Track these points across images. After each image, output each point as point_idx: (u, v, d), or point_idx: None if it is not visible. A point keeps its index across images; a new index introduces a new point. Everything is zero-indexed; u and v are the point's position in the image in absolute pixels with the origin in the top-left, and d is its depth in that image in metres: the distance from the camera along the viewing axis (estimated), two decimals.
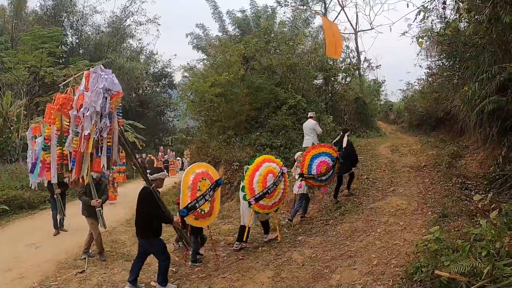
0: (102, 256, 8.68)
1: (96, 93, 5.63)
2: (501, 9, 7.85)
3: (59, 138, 6.34)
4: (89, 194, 8.71)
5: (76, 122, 5.84)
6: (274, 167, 8.74)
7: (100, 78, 5.72)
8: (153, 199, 6.76)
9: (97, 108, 5.61)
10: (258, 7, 27.16)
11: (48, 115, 6.65)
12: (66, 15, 36.09)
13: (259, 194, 8.33)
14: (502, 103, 9.25)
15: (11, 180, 17.14)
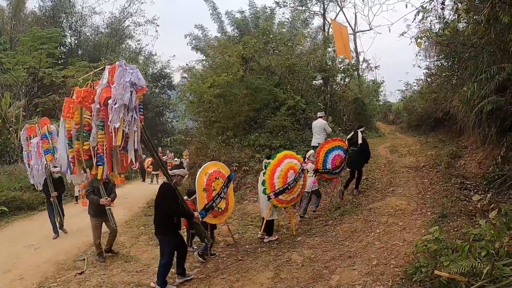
0: (101, 257, 8.64)
1: (123, 86, 5.66)
2: (500, 10, 7.86)
3: (78, 132, 6.35)
4: (98, 193, 8.62)
5: (100, 116, 5.89)
6: (295, 164, 8.84)
7: (126, 72, 5.77)
8: (173, 195, 6.79)
9: (125, 101, 5.62)
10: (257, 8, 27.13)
11: (66, 109, 6.62)
12: (65, 16, 36.06)
13: (279, 189, 8.48)
14: (501, 103, 9.26)
15: (10, 181, 17.13)
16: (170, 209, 6.73)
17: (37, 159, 11.06)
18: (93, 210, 8.71)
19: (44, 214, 14.64)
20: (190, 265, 7.92)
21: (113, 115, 5.56)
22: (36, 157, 11.08)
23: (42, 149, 10.97)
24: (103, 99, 5.77)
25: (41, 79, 25.36)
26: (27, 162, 11.78)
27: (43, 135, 11.13)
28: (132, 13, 38.90)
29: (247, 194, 13.01)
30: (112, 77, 5.89)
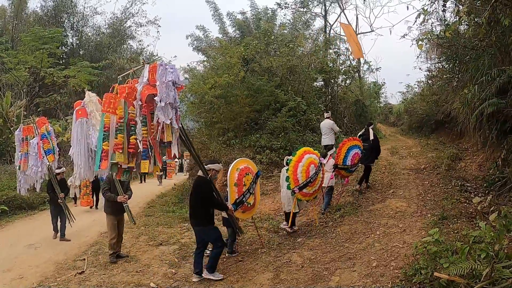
0: (113, 257, 8.51)
1: (166, 85, 6.06)
2: (501, 12, 7.88)
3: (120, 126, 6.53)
4: (114, 190, 8.50)
5: (143, 112, 6.24)
6: (314, 158, 9.16)
7: (167, 71, 6.14)
8: (210, 188, 7.18)
9: (170, 100, 6.04)
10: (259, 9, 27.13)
11: (107, 104, 6.74)
12: (66, 16, 36.06)
13: (303, 183, 8.78)
14: (502, 105, 9.25)
15: (10, 180, 17.13)
16: (207, 201, 7.08)
17: (37, 160, 10.71)
18: (110, 208, 8.62)
19: (44, 213, 14.66)
20: (190, 265, 7.91)
21: (160, 112, 5.98)
22: (36, 158, 10.70)
23: (43, 149, 10.68)
24: (145, 96, 6.11)
25: (42, 79, 25.41)
26: (18, 164, 11.29)
27: (42, 135, 10.87)
28: (134, 14, 38.90)
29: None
30: (153, 75, 6.29)
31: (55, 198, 10.55)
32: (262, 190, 13.01)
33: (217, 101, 16.80)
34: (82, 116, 8.38)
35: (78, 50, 36.56)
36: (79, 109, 8.45)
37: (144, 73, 6.38)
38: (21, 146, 11.22)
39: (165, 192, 19.01)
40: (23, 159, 11.03)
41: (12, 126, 23.69)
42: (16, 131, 11.60)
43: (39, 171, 10.71)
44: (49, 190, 10.78)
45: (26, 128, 11.18)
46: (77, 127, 8.21)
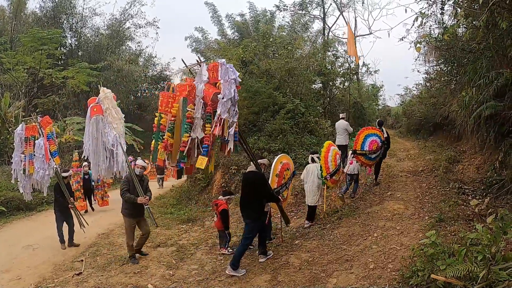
0: (134, 259, 8.43)
1: (229, 83, 6.45)
2: (498, 15, 7.90)
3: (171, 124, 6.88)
4: (133, 191, 8.20)
5: (207, 110, 6.66)
6: (337, 150, 10.26)
7: (229, 70, 6.58)
8: (265, 181, 7.71)
9: (231, 96, 6.40)
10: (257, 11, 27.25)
11: (164, 103, 7.08)
12: (65, 17, 36.05)
13: (333, 171, 9.75)
14: (499, 108, 9.28)
15: (8, 181, 17.10)
16: (263, 193, 7.52)
17: (44, 163, 9.99)
18: (129, 210, 8.37)
19: (42, 214, 14.68)
20: (188, 266, 7.93)
21: (222, 108, 6.34)
22: (43, 160, 9.99)
23: (49, 151, 10.07)
24: (211, 95, 6.54)
25: (41, 80, 25.43)
26: (23, 167, 10.38)
27: (48, 135, 10.34)
28: (133, 15, 38.93)
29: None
30: (213, 74, 6.77)
31: (64, 203, 9.99)
32: None
33: None
34: (98, 113, 8.18)
35: (77, 51, 36.58)
36: (94, 106, 8.25)
37: (203, 72, 6.74)
38: (24, 146, 10.51)
39: (163, 194, 18.99)
40: (28, 161, 10.32)
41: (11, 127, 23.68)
42: (17, 129, 10.72)
43: (46, 174, 10.11)
44: (57, 195, 10.08)
45: (30, 127, 10.51)
46: (92, 125, 8.07)
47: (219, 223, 8.74)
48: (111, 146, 8.15)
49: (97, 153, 8.07)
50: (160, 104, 7.17)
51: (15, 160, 10.65)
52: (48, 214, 14.95)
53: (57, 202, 10.10)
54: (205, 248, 9.01)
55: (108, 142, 8.11)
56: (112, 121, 8.32)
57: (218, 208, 8.74)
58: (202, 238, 9.93)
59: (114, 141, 8.22)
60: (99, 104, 8.31)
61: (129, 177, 8.32)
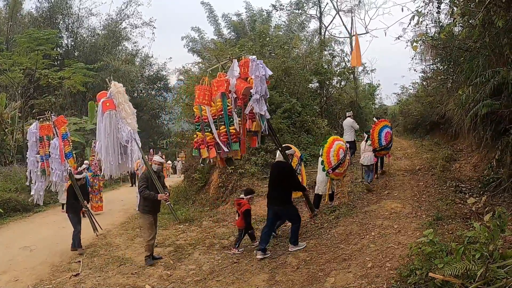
0: (150, 260, 8.23)
1: (260, 79, 6.79)
2: (494, 14, 7.90)
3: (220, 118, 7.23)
4: (151, 188, 8.07)
5: (238, 104, 7.01)
6: (342, 144, 10.38)
7: (259, 66, 6.89)
8: (293, 171, 8.31)
9: (262, 92, 6.82)
10: (254, 11, 27.25)
11: (201, 96, 7.35)
12: (61, 17, 36.02)
13: (335, 165, 9.97)
14: (496, 106, 9.28)
15: (5, 182, 17.09)
16: (291, 183, 8.01)
17: (60, 164, 9.76)
18: (148, 206, 8.19)
19: (39, 216, 14.65)
20: (186, 267, 7.92)
21: (255, 104, 6.74)
22: (59, 161, 9.76)
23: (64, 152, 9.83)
24: (242, 89, 6.92)
25: (37, 81, 25.38)
26: (41, 168, 10.07)
27: (63, 135, 10.05)
28: (129, 15, 39.00)
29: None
30: (244, 70, 7.09)
31: (78, 206, 9.76)
32: (257, 192, 13.01)
33: None
34: (111, 108, 8.01)
35: (73, 51, 36.55)
36: (106, 100, 8.09)
37: (234, 67, 7.22)
38: (39, 146, 10.23)
39: None
40: (45, 162, 10.06)
41: (7, 127, 23.62)
42: (31, 128, 10.43)
43: (63, 176, 9.93)
44: (71, 198, 9.76)
45: (46, 126, 10.19)
46: (105, 120, 7.92)
47: (241, 222, 8.71)
48: (125, 142, 8.04)
49: (110, 150, 7.93)
50: (197, 96, 7.47)
51: (30, 160, 10.29)
52: (45, 215, 14.96)
53: (71, 205, 9.77)
54: (202, 248, 9.00)
55: (122, 137, 7.97)
56: (126, 116, 8.19)
57: (241, 207, 8.69)
58: (199, 238, 9.92)
59: (128, 136, 8.11)
60: (111, 99, 8.17)
61: (147, 174, 8.19)
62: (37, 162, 10.14)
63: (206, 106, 7.36)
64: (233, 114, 7.02)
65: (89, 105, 28.69)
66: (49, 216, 14.59)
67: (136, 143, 8.21)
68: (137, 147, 8.22)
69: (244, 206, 8.66)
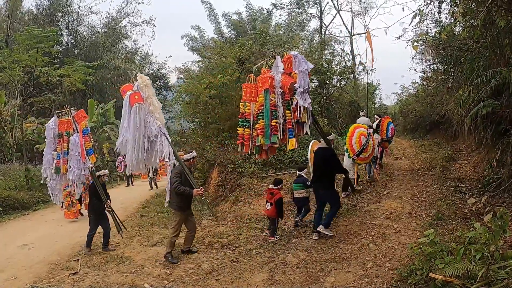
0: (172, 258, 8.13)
1: (303, 73, 7.19)
2: (496, 14, 7.88)
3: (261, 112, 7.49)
4: (185, 184, 7.87)
5: (286, 98, 7.37)
6: (363, 131, 10.83)
7: (301, 61, 7.28)
8: (336, 156, 8.69)
9: (306, 86, 7.17)
10: (254, 10, 27.21)
11: (248, 93, 7.79)
12: (61, 15, 36.00)
13: (358, 151, 10.53)
14: (496, 107, 9.27)
15: (4, 180, 17.07)
16: (335, 167, 8.50)
17: (79, 162, 9.17)
18: (181, 202, 8.07)
19: (38, 214, 14.62)
20: (185, 265, 7.89)
21: (299, 97, 7.13)
22: (78, 158, 9.17)
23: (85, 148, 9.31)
24: (288, 84, 7.29)
25: (37, 78, 25.28)
26: (56, 166, 9.43)
27: (83, 131, 9.54)
28: (129, 13, 38.95)
29: (242, 196, 12.96)
30: (288, 65, 7.49)
31: (100, 205, 9.33)
32: (256, 191, 13.01)
33: (212, 101, 16.76)
34: (139, 101, 7.75)
35: (73, 49, 36.54)
36: (134, 93, 7.84)
37: (278, 63, 7.54)
38: (57, 143, 9.56)
39: (159, 193, 18.96)
40: (62, 159, 9.41)
41: (6, 125, 23.59)
42: (49, 123, 9.76)
43: (82, 174, 9.30)
44: (93, 196, 9.40)
45: (66, 122, 9.54)
46: (134, 114, 7.66)
47: (273, 211, 8.90)
48: (155, 137, 7.82)
49: (136, 145, 7.67)
50: (244, 94, 7.92)
51: (47, 158, 9.68)
52: (44, 213, 14.92)
53: (92, 205, 9.48)
54: (201, 247, 8.96)
55: (151, 132, 7.76)
56: (154, 110, 8.00)
57: (274, 197, 8.88)
58: (198, 237, 9.87)
59: (157, 131, 7.88)
60: (139, 92, 7.94)
61: (180, 169, 8.02)
62: (53, 160, 9.53)
63: (252, 102, 7.73)
64: (278, 108, 7.34)
65: (89, 103, 28.70)
66: (48, 214, 14.55)
67: (166, 138, 7.98)
68: (168, 142, 7.97)
69: (276, 195, 8.91)
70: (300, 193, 9.54)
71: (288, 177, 13.05)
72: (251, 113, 7.81)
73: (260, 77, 7.64)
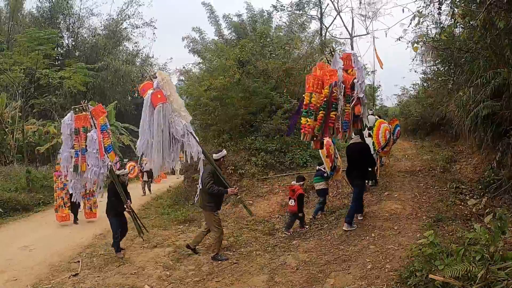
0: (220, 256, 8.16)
1: (360, 70, 8.01)
2: (495, 15, 7.89)
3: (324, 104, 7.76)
4: (218, 184, 7.88)
5: (347, 92, 7.74)
6: (387, 126, 11.89)
7: (357, 59, 8.13)
8: (370, 151, 9.40)
9: (362, 80, 7.91)
10: (254, 12, 27.14)
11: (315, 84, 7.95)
12: (62, 17, 36.09)
13: (384, 144, 11.55)
14: (497, 108, 9.27)
15: (5, 182, 17.10)
16: (369, 160, 8.94)
17: (98, 160, 8.78)
18: (214, 203, 8.11)
19: (38, 215, 14.63)
20: (185, 267, 7.90)
21: (358, 89, 7.70)
22: (96, 156, 8.78)
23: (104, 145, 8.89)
24: (350, 80, 7.78)
25: (37, 80, 25.37)
26: (74, 164, 8.95)
27: (102, 127, 9.07)
28: (130, 15, 38.98)
29: (242, 198, 12.97)
30: (347, 62, 8.03)
31: (120, 206, 8.89)
32: (257, 193, 13.03)
33: (213, 103, 16.74)
34: (162, 100, 7.44)
35: (73, 51, 36.62)
36: (156, 92, 7.50)
37: (337, 59, 7.96)
38: (74, 139, 9.04)
39: (160, 195, 18.96)
40: (80, 157, 8.93)
41: (7, 127, 23.62)
42: (65, 119, 9.21)
43: (101, 173, 8.92)
44: (112, 197, 8.86)
45: (83, 117, 9.04)
46: (157, 114, 7.38)
47: (295, 207, 9.40)
48: (181, 137, 7.65)
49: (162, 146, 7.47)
50: (308, 85, 8.11)
51: (64, 155, 9.20)
52: (45, 215, 14.93)
53: (112, 206, 8.94)
54: (202, 249, 8.97)
55: (177, 132, 7.58)
56: (178, 108, 7.78)
57: (296, 193, 9.37)
58: None
59: (184, 130, 7.69)
60: (161, 90, 7.59)
61: (211, 169, 8.02)
62: (71, 158, 9.02)
63: (317, 93, 7.91)
64: (338, 101, 7.67)
65: None
66: (49, 216, 14.54)
67: (194, 136, 7.83)
68: (195, 141, 7.82)
69: (298, 191, 9.41)
70: (320, 185, 10.32)
71: (289, 178, 13.03)
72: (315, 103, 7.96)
73: (329, 70, 7.95)
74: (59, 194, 12.63)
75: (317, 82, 7.97)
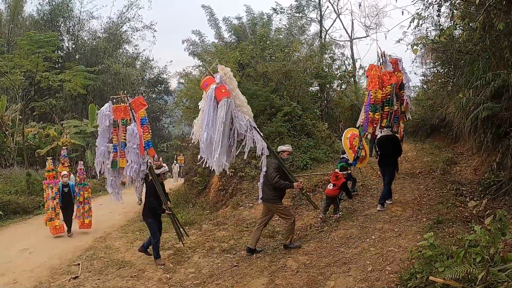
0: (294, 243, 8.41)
1: (405, 73, 9.55)
2: (495, 16, 7.90)
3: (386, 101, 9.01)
4: (284, 178, 7.94)
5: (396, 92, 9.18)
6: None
7: (402, 64, 9.54)
8: (399, 142, 10.49)
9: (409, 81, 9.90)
10: (254, 14, 27.16)
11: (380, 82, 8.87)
12: (62, 20, 36.16)
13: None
14: (497, 109, 9.26)
15: (5, 184, 17.10)
16: (399, 150, 10.10)
17: (138, 156, 8.17)
18: (278, 195, 8.16)
19: (39, 218, 14.60)
20: (185, 270, 7.89)
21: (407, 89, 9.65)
22: (136, 152, 8.17)
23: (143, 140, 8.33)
24: (400, 81, 9.25)
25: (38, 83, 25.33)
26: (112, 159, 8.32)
27: (142, 120, 8.49)
28: (130, 18, 39.06)
29: (242, 200, 12.97)
30: (395, 67, 9.32)
31: (160, 208, 8.31)
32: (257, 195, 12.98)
33: None
34: (226, 95, 7.22)
35: (74, 54, 36.66)
36: (220, 87, 7.29)
37: (388, 63, 9.16)
38: (112, 133, 8.41)
39: None
40: (119, 152, 8.34)
41: (7, 130, 23.63)
42: (103, 109, 8.46)
43: (141, 170, 8.32)
44: (151, 197, 8.29)
45: (123, 108, 8.41)
46: (221, 109, 7.17)
47: (336, 191, 9.73)
48: (245, 132, 7.52)
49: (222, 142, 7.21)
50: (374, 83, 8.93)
51: (101, 150, 8.41)
52: None
53: (150, 206, 8.34)
54: (202, 252, 8.97)
55: (241, 127, 7.47)
56: (240, 104, 7.67)
57: (339, 180, 9.66)
58: (199, 242, 9.89)
59: (247, 126, 7.59)
60: (224, 85, 7.38)
61: (277, 163, 8.03)
62: (109, 153, 8.36)
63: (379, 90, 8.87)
64: (393, 99, 9.03)
65: (90, 107, 28.73)
66: None
67: (258, 132, 7.71)
68: (259, 136, 7.71)
69: (341, 180, 9.68)
70: None
71: None
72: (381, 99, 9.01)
73: (388, 72, 9.06)
74: (49, 204, 11.61)
75: (379, 80, 8.93)
